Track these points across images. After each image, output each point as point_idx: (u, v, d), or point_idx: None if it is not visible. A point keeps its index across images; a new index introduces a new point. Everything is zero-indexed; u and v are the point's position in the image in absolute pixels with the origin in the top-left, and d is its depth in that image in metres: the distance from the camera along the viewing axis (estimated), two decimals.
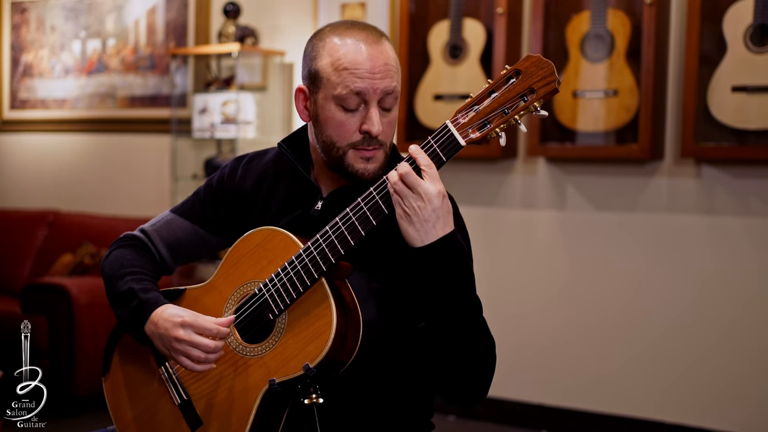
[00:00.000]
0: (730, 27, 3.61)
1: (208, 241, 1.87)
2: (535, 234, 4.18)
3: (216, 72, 4.99)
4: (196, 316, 1.64)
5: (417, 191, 1.51)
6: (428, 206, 1.51)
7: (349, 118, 1.63)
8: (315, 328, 1.56)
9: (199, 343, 1.61)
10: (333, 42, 1.63)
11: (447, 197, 1.54)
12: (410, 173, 1.52)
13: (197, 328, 1.62)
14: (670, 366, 3.87)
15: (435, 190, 1.51)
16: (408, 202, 1.52)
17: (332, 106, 1.63)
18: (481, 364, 1.61)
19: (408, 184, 1.52)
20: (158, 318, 1.67)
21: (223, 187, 1.85)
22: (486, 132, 1.53)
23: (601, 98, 3.85)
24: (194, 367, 1.63)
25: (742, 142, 3.64)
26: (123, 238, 1.88)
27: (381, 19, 4.50)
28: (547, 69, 1.51)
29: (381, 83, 1.60)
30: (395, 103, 1.65)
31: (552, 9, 4.01)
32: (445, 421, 4.19)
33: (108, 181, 5.51)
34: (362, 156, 1.64)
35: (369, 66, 1.60)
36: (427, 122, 4.18)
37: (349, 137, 1.63)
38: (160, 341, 1.66)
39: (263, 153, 1.87)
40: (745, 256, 3.74)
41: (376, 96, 1.61)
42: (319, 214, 1.70)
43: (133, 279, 1.75)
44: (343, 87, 1.61)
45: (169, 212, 1.89)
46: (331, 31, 1.66)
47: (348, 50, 1.61)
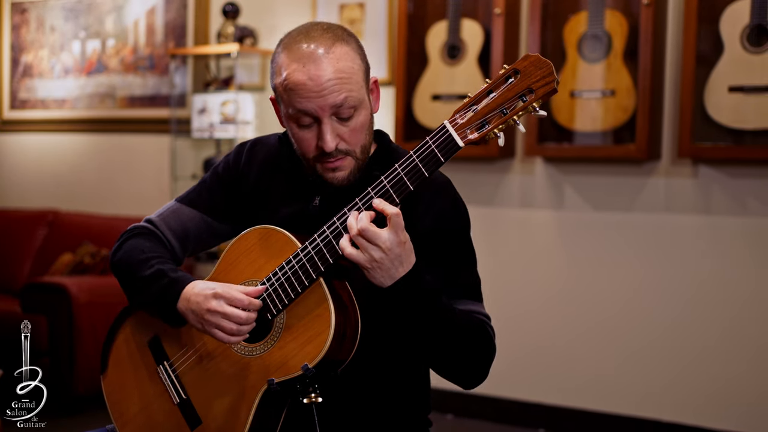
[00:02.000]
0: (727, 27, 3.62)
1: (215, 229, 1.86)
2: (533, 234, 4.20)
3: (215, 72, 5.01)
4: (228, 287, 1.63)
5: (376, 244, 1.51)
6: (389, 256, 1.52)
7: (306, 134, 1.64)
8: (313, 328, 1.57)
9: (230, 313, 1.59)
10: (282, 59, 1.63)
11: (408, 240, 1.54)
12: (367, 229, 1.51)
13: (229, 299, 1.60)
14: (668, 365, 3.88)
15: (395, 240, 1.52)
16: (368, 255, 1.52)
17: (291, 124, 1.66)
18: (474, 362, 1.67)
19: (367, 239, 1.52)
20: (190, 293, 1.65)
21: (229, 173, 1.84)
22: (484, 132, 1.52)
23: (599, 98, 3.86)
24: (228, 339, 1.62)
25: (739, 142, 3.66)
26: (132, 229, 1.86)
27: (379, 19, 4.51)
28: (546, 69, 1.50)
29: (327, 99, 1.60)
30: (357, 110, 1.64)
31: (550, 9, 4.02)
32: (443, 419, 4.20)
33: (107, 180, 5.52)
34: (327, 167, 1.66)
35: (311, 85, 1.59)
36: (426, 122, 4.19)
37: (310, 152, 1.66)
38: (193, 316, 1.65)
39: (266, 138, 1.88)
40: (742, 255, 3.75)
41: (326, 112, 1.61)
42: (317, 210, 1.71)
43: (159, 261, 1.74)
44: (291, 107, 1.62)
45: (175, 202, 1.87)
46: (285, 44, 1.65)
47: (292, 70, 1.60)
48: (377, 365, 1.71)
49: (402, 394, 1.76)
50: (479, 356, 1.67)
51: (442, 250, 1.69)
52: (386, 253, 1.52)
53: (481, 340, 1.66)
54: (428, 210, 1.69)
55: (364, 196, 1.56)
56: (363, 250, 1.52)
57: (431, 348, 1.64)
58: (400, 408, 1.76)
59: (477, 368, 1.68)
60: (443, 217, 1.70)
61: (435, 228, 1.68)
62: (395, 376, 1.74)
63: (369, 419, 1.72)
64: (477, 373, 1.69)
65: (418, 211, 1.67)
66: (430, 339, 1.62)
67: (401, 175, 1.54)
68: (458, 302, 1.68)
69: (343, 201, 1.61)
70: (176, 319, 1.69)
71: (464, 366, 1.67)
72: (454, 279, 1.70)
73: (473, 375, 1.69)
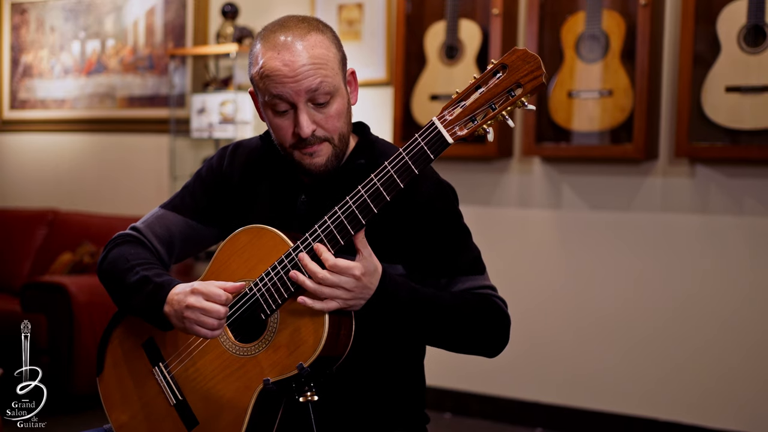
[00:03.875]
0: (724, 28, 3.63)
1: (201, 234, 1.86)
2: (531, 233, 4.21)
3: (214, 72, 5.02)
4: (207, 283, 1.64)
5: (340, 287, 1.54)
6: (353, 292, 1.55)
7: (283, 121, 1.66)
8: (308, 327, 1.57)
9: (209, 308, 1.60)
10: (258, 49, 1.66)
11: (361, 267, 1.55)
12: (322, 283, 1.54)
13: (206, 295, 1.61)
14: (665, 364, 3.89)
15: (348, 279, 1.54)
16: (341, 300, 1.55)
17: (268, 112, 1.67)
18: (483, 336, 1.71)
19: (330, 285, 1.54)
20: (172, 296, 1.66)
21: (213, 177, 1.85)
22: (473, 128, 1.51)
23: (596, 98, 3.87)
24: (207, 334, 1.63)
25: (736, 141, 3.67)
26: (117, 238, 1.86)
27: (378, 19, 4.52)
28: (534, 63, 1.48)
29: (302, 84, 1.61)
30: (333, 97, 1.64)
31: (547, 10, 4.03)
32: (441, 418, 4.21)
33: (107, 180, 5.53)
34: (305, 153, 1.66)
35: (286, 71, 1.60)
36: (423, 122, 4.20)
37: (288, 140, 1.67)
38: (176, 318, 1.65)
39: (247, 141, 1.89)
40: (739, 254, 3.76)
41: (301, 98, 1.62)
42: (305, 207, 1.72)
43: (144, 268, 1.74)
44: (268, 94, 1.64)
45: (159, 208, 1.88)
46: (262, 36, 1.68)
47: (268, 57, 1.63)
48: (372, 362, 1.72)
49: (397, 390, 1.77)
50: (487, 329, 1.70)
51: (435, 232, 1.70)
52: (351, 289, 1.55)
53: (484, 313, 1.68)
54: (414, 197, 1.68)
55: (355, 194, 1.56)
56: (334, 297, 1.55)
57: (434, 339, 1.69)
58: (396, 404, 1.77)
59: (490, 340, 1.71)
60: (430, 200, 1.70)
61: (424, 212, 1.69)
62: (390, 372, 1.75)
63: (365, 416, 1.73)
64: (493, 344, 1.72)
65: (405, 201, 1.66)
66: (429, 333, 1.66)
67: (391, 173, 1.54)
68: (461, 280, 1.71)
69: (329, 196, 1.62)
70: (165, 323, 1.69)
71: (475, 343, 1.71)
72: (454, 258, 1.71)
73: (488, 346, 1.72)
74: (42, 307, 4.28)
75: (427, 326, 1.65)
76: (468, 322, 1.67)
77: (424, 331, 1.66)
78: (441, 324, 1.65)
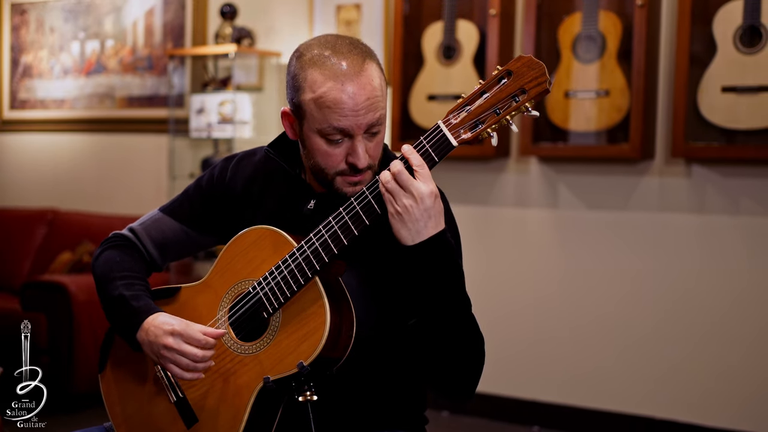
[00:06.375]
0: (720, 28, 3.64)
1: (196, 241, 1.88)
2: (528, 233, 4.22)
3: (213, 72, 5.03)
4: (187, 325, 1.66)
5: (409, 190, 1.52)
6: (420, 206, 1.52)
7: (334, 149, 1.62)
8: (309, 326, 1.57)
9: (187, 352, 1.63)
10: (314, 76, 1.60)
11: (439, 197, 1.55)
12: (402, 172, 1.52)
13: (186, 338, 1.64)
14: (661, 362, 3.91)
15: (427, 189, 1.52)
16: (400, 202, 1.52)
17: (317, 138, 1.63)
18: (470, 359, 1.61)
19: (400, 183, 1.52)
20: (149, 325, 1.68)
21: (212, 188, 1.85)
22: (478, 132, 1.53)
23: (593, 98, 3.89)
24: (183, 375, 1.66)
25: (732, 141, 3.68)
26: (112, 238, 1.88)
27: (375, 20, 4.54)
28: (539, 69, 1.50)
29: (365, 118, 1.59)
30: (382, 125, 1.64)
31: (544, 10, 4.05)
32: (439, 417, 4.22)
33: (106, 180, 5.54)
34: (349, 182, 1.65)
35: (351, 104, 1.58)
36: (421, 122, 4.22)
37: (335, 166, 1.64)
38: (149, 348, 1.69)
39: (252, 153, 1.87)
40: (735, 254, 3.78)
41: (361, 130, 1.61)
42: (312, 213, 1.71)
43: (124, 284, 1.76)
44: (326, 124, 1.60)
45: (158, 211, 1.89)
46: (310, 60, 1.62)
47: (329, 88, 1.58)
48: (372, 363, 1.71)
49: (397, 391, 1.76)
50: (475, 352, 1.61)
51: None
52: (417, 201, 1.52)
53: (478, 338, 1.62)
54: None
55: (359, 196, 1.58)
56: (395, 196, 1.53)
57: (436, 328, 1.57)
58: (395, 406, 1.76)
59: (472, 366, 1.62)
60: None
61: None
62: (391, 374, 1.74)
63: (364, 417, 1.73)
64: (471, 373, 1.62)
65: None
66: (440, 316, 1.56)
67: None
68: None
69: (337, 204, 1.61)
70: (136, 346, 1.73)
71: (462, 359, 1.60)
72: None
73: (468, 374, 1.62)
74: (42, 306, 4.29)
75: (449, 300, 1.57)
76: (468, 322, 1.61)
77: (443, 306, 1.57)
78: (456, 304, 1.58)
